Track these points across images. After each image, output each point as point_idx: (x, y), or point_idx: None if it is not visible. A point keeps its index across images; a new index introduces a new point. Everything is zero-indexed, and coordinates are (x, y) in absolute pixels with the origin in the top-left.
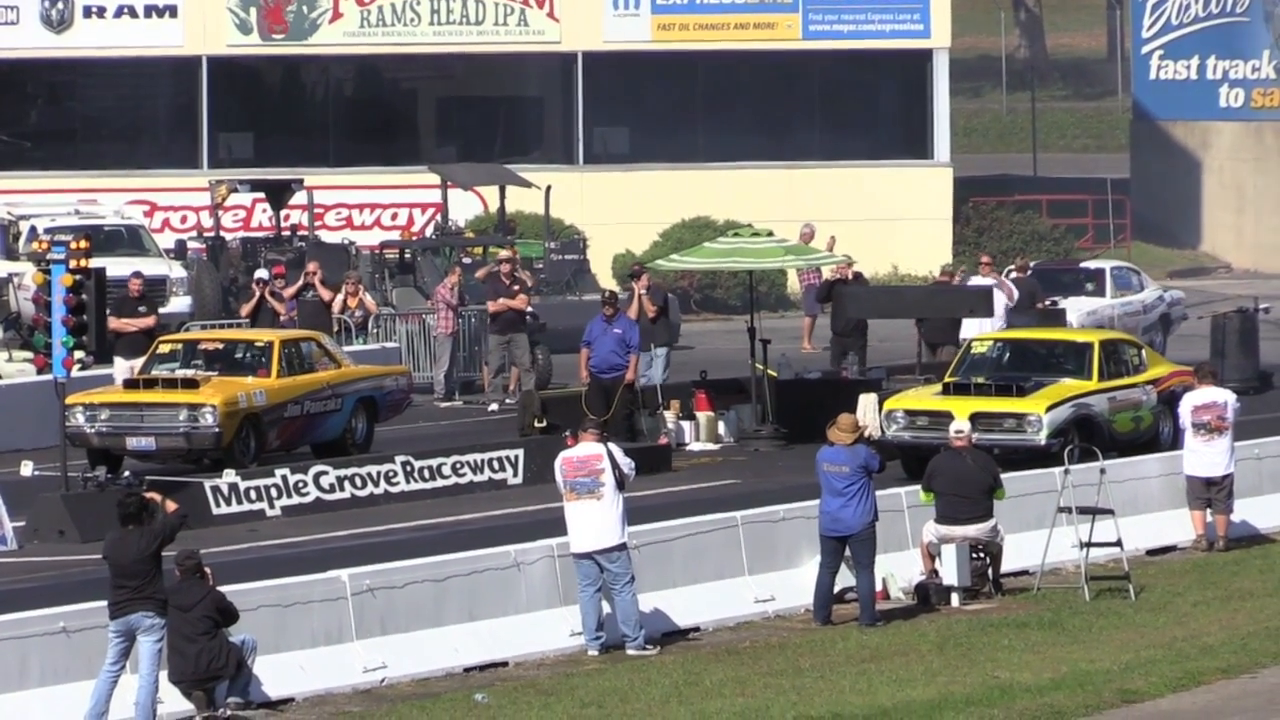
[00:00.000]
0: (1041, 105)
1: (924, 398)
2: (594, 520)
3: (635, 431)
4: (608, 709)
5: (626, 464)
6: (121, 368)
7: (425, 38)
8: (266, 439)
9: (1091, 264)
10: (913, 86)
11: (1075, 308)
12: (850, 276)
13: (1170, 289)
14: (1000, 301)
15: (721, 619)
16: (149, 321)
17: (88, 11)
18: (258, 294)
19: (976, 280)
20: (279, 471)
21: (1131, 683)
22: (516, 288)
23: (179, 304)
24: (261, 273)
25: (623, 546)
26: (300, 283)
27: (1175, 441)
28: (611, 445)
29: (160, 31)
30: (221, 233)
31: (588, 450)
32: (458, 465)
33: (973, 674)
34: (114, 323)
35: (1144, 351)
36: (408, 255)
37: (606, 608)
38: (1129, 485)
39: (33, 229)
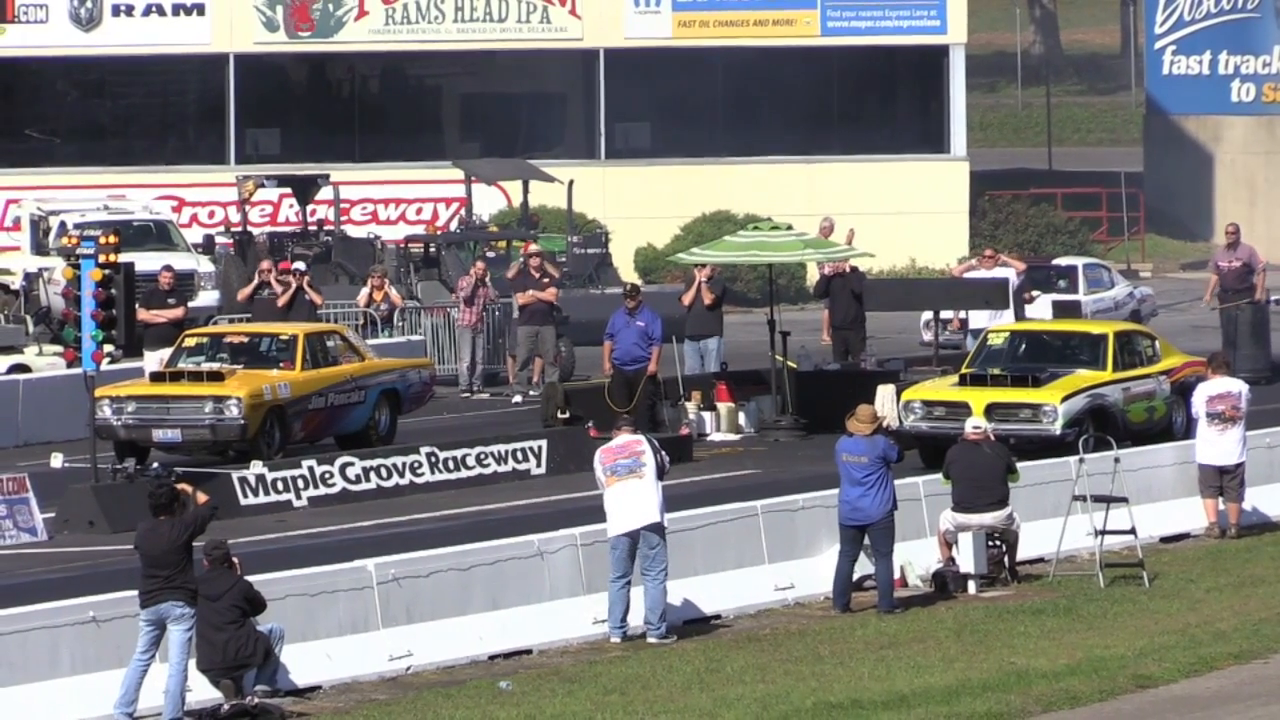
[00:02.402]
0: (1056, 100)
1: (941, 389)
2: (637, 498)
3: (657, 422)
4: (630, 696)
5: (663, 454)
6: (152, 359)
7: (449, 35)
8: (291, 431)
9: (1063, 261)
10: (930, 82)
11: (1048, 304)
12: (847, 271)
13: (1140, 286)
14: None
15: (742, 607)
16: (178, 313)
17: (116, 10)
18: (294, 285)
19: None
20: (305, 463)
21: (1146, 668)
22: (546, 280)
23: (207, 298)
24: (299, 264)
25: (663, 530)
26: (255, 281)
27: (1188, 431)
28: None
29: (188, 30)
30: (249, 228)
31: (626, 438)
32: (482, 456)
33: (989, 660)
34: (143, 314)
35: (1157, 342)
36: (432, 249)
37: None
38: (1143, 474)
39: (62, 224)
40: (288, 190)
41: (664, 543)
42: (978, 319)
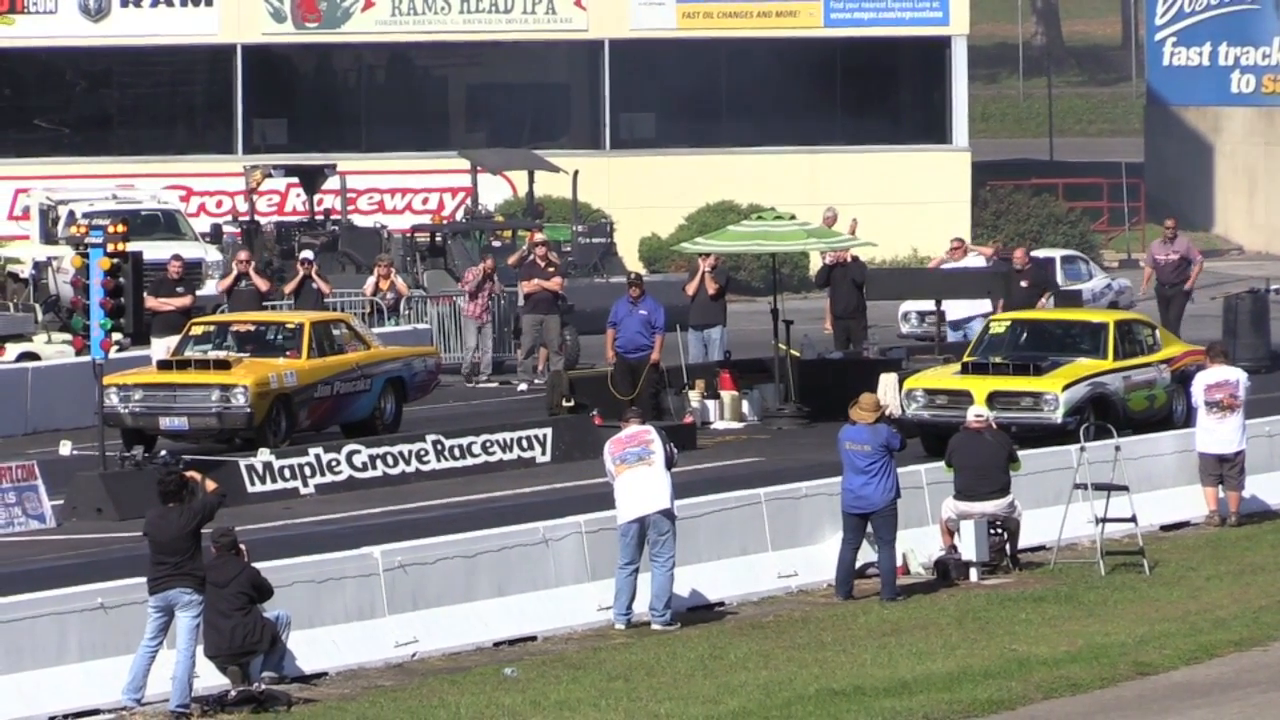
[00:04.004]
0: (1058, 91)
1: (943, 377)
2: (646, 484)
3: (661, 410)
4: (634, 682)
5: (672, 446)
6: (158, 347)
7: (455, 25)
8: (297, 419)
9: (1041, 253)
10: (932, 73)
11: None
12: (848, 260)
13: (1118, 278)
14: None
15: (746, 594)
16: (185, 301)
17: (125, 1)
18: (301, 273)
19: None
20: (313, 450)
21: (1146, 655)
22: (552, 270)
23: (214, 287)
24: (306, 253)
25: (673, 516)
26: (235, 272)
27: (1188, 419)
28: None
29: (196, 20)
30: (256, 217)
31: (635, 429)
32: (487, 444)
33: (991, 647)
34: (151, 302)
35: (1157, 331)
36: (438, 239)
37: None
38: (1143, 462)
39: (71, 214)
40: (295, 180)
41: (674, 529)
42: (957, 310)
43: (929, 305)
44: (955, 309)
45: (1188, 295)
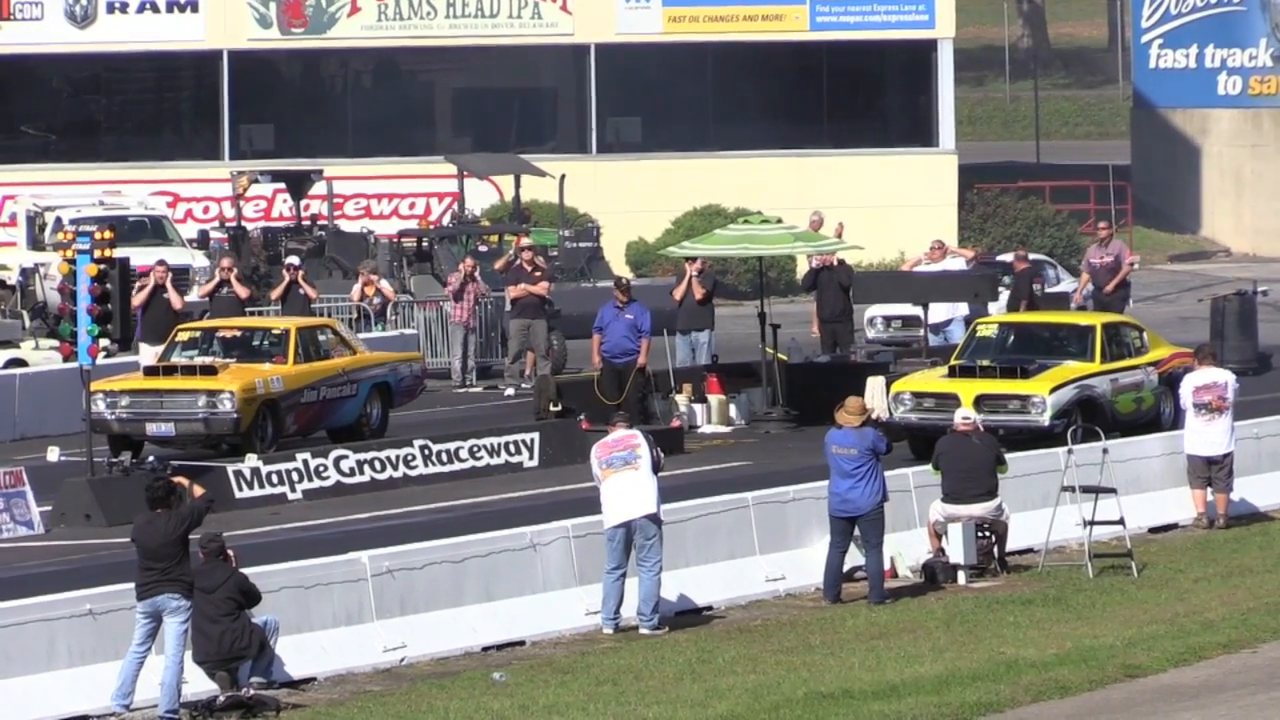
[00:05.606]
0: (1044, 93)
1: (930, 380)
2: (632, 489)
3: (649, 415)
4: (623, 686)
5: (658, 450)
6: (147, 353)
7: (441, 30)
8: (283, 424)
9: (1009, 257)
10: (918, 76)
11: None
12: (835, 264)
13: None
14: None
15: (734, 598)
16: (177, 303)
17: (111, 7)
18: (287, 279)
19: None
20: (300, 456)
21: (1134, 658)
22: (538, 274)
23: (196, 292)
24: (293, 259)
25: (659, 520)
26: (216, 279)
27: (1176, 422)
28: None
29: (182, 26)
30: (243, 223)
31: (622, 433)
32: (475, 449)
33: (979, 650)
34: (138, 298)
35: (1145, 334)
36: (425, 244)
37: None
38: (1131, 465)
39: (58, 220)
40: (282, 185)
41: (660, 533)
42: (934, 313)
43: (896, 310)
44: (932, 312)
45: (1124, 300)
